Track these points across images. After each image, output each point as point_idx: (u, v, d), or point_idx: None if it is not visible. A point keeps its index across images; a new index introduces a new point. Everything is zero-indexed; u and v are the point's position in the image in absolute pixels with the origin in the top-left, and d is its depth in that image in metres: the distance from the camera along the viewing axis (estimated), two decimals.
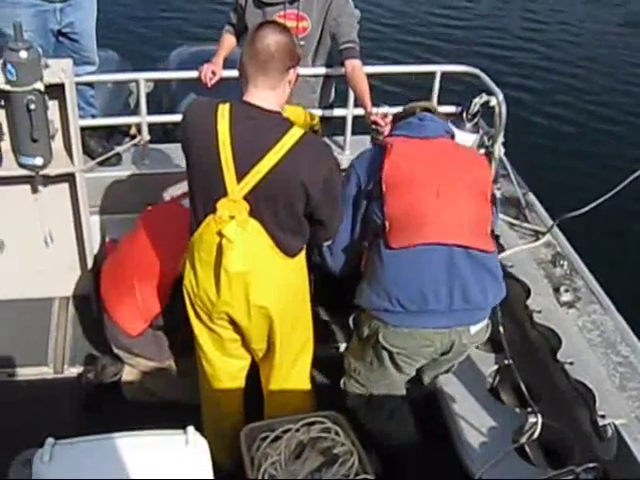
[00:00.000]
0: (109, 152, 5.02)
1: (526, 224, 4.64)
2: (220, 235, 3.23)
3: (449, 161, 3.64)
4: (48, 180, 4.40)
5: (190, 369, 4.08)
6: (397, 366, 3.56)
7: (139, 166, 5.06)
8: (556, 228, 4.53)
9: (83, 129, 4.60)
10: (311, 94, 5.04)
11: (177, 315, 3.77)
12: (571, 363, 3.70)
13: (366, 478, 3.37)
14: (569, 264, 4.32)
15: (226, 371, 3.78)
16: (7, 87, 3.99)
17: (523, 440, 3.53)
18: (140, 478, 2.60)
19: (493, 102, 4.59)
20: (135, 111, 5.53)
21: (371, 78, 4.68)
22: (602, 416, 3.40)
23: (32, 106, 4.00)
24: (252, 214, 3.22)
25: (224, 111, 3.20)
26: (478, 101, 4.46)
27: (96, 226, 4.93)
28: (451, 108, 4.94)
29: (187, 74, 5.13)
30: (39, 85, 4.00)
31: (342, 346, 4.59)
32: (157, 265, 4.07)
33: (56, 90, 4.14)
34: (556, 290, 4.13)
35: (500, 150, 4.75)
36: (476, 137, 4.53)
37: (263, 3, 4.77)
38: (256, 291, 3.35)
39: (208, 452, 2.70)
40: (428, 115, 3.82)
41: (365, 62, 4.75)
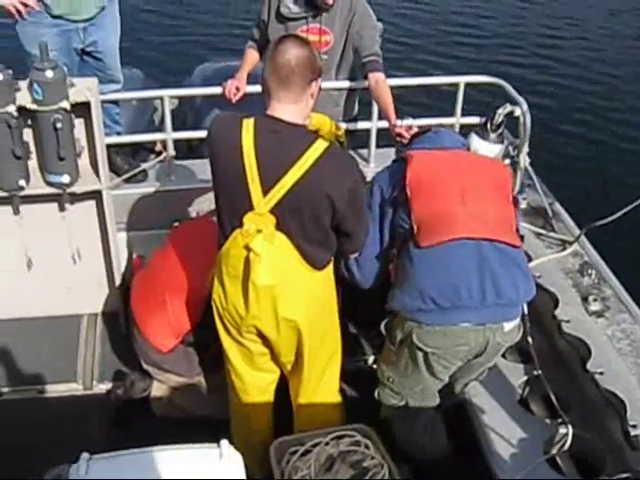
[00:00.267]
0: (135, 169, 5.05)
1: (553, 234, 4.63)
2: (247, 249, 3.24)
3: (470, 166, 3.73)
4: (75, 198, 4.42)
5: (219, 385, 4.08)
6: (431, 368, 3.54)
7: (165, 182, 5.09)
8: (583, 237, 4.51)
9: (109, 146, 4.63)
10: (334, 107, 5.06)
11: (208, 331, 3.78)
12: (601, 373, 3.68)
13: None
14: (597, 273, 4.30)
15: (255, 385, 3.78)
16: (34, 106, 4.02)
17: (554, 451, 3.49)
18: None
19: (517, 112, 4.59)
20: (160, 128, 5.58)
21: (394, 90, 4.68)
22: (634, 426, 3.38)
23: (59, 125, 4.02)
24: (279, 227, 3.23)
25: (248, 126, 3.21)
26: (502, 111, 4.44)
27: (123, 243, 4.94)
28: (475, 119, 4.95)
29: (211, 90, 5.16)
30: (65, 104, 4.03)
31: (370, 359, 4.58)
32: (188, 281, 4.09)
33: (82, 108, 4.17)
34: (584, 299, 4.11)
35: (525, 160, 4.76)
36: (501, 147, 4.51)
37: (285, 18, 4.79)
38: (284, 304, 3.35)
39: (242, 465, 2.71)
40: (443, 129, 3.94)
41: (388, 74, 4.76)
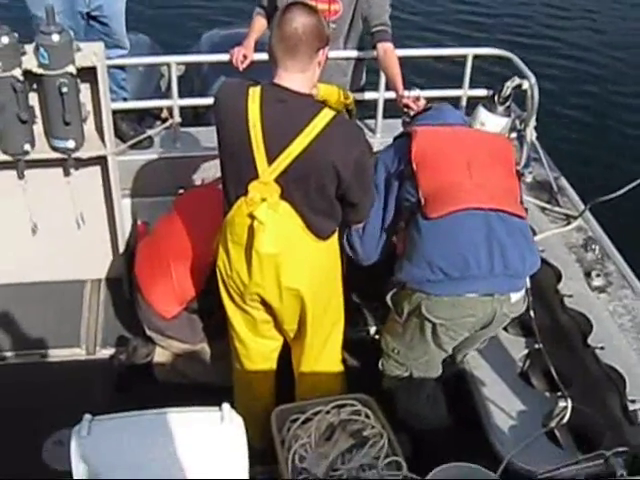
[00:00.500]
0: (141, 135, 5.04)
1: (557, 208, 4.62)
2: (252, 217, 3.25)
3: (473, 141, 3.75)
4: (80, 163, 4.42)
5: (222, 352, 4.12)
6: (439, 340, 3.54)
7: (170, 149, 5.08)
8: (588, 212, 4.50)
9: (115, 112, 4.63)
10: (342, 77, 5.03)
11: (212, 298, 3.80)
12: (602, 348, 3.69)
13: (395, 460, 3.39)
14: (600, 249, 4.30)
15: (259, 352, 3.80)
16: (40, 70, 4.02)
17: (553, 424, 3.52)
18: (176, 453, 2.64)
19: (525, 85, 4.57)
20: (166, 94, 5.56)
21: (403, 61, 4.66)
22: (632, 401, 3.39)
23: (64, 89, 4.02)
24: (283, 196, 3.24)
25: (254, 94, 3.20)
26: (510, 84, 4.43)
27: (127, 209, 4.95)
28: (483, 91, 4.93)
29: (218, 57, 5.14)
30: (71, 68, 4.03)
31: (372, 329, 4.60)
32: (193, 249, 4.10)
33: (88, 73, 4.16)
34: (587, 275, 4.11)
35: (532, 134, 4.74)
36: (508, 120, 4.50)
37: None
38: (287, 273, 3.37)
39: (243, 429, 2.73)
40: (445, 106, 3.95)
41: (397, 45, 4.73)
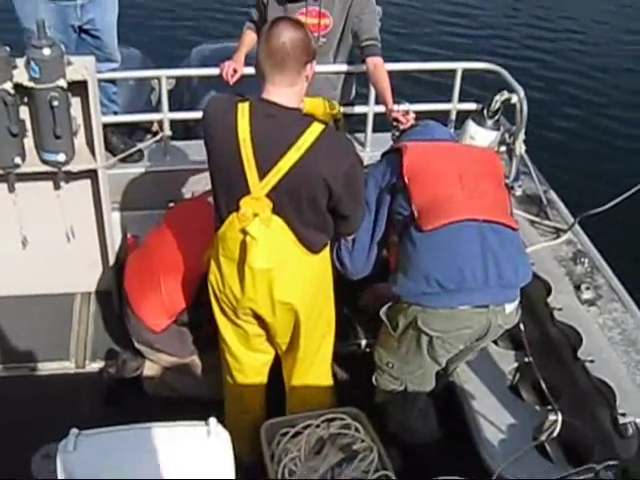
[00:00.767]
0: (131, 149, 5.03)
1: (547, 221, 4.64)
2: (244, 232, 3.25)
3: (462, 154, 3.80)
4: (70, 176, 4.42)
5: (212, 365, 4.11)
6: (434, 352, 3.54)
7: (161, 162, 5.08)
8: (577, 226, 4.52)
9: (105, 126, 4.63)
10: (332, 91, 5.05)
11: (202, 311, 3.80)
12: (592, 361, 3.70)
13: (385, 474, 3.39)
14: (590, 262, 4.32)
15: (251, 365, 3.80)
16: (30, 84, 4.01)
17: (543, 438, 3.53)
18: (163, 468, 2.64)
19: (514, 99, 4.60)
20: (157, 108, 5.57)
21: (392, 75, 4.68)
22: (623, 414, 3.39)
23: (55, 103, 4.02)
24: (275, 211, 3.24)
25: (243, 109, 3.21)
26: (499, 98, 4.45)
27: (117, 222, 4.95)
28: (472, 105, 4.95)
29: (208, 71, 5.15)
30: (62, 82, 4.02)
31: (362, 343, 4.60)
32: (183, 261, 4.09)
33: (79, 87, 4.16)
34: (577, 288, 4.13)
35: (521, 147, 4.78)
36: (497, 134, 4.52)
37: (285, 0, 4.78)
38: (280, 287, 3.37)
39: (230, 443, 2.73)
40: (432, 122, 3.98)
41: (386, 59, 4.75)
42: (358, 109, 5.18)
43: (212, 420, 2.76)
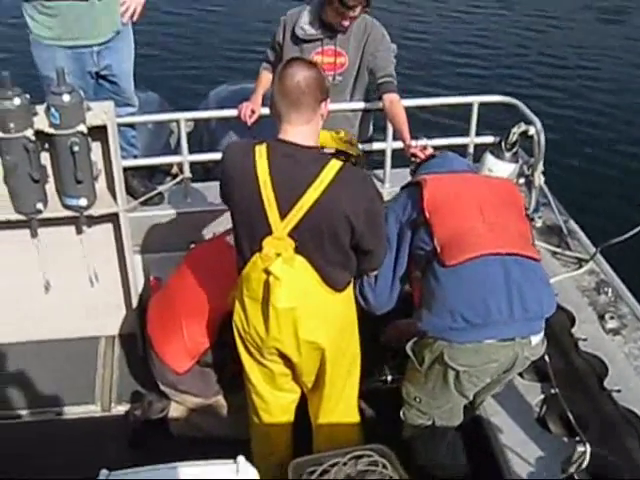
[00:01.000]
0: (151, 192, 5.08)
1: (568, 252, 4.63)
2: (267, 272, 3.27)
3: (482, 186, 3.78)
4: (92, 220, 4.45)
5: (237, 405, 4.12)
6: (461, 387, 3.53)
7: (181, 205, 5.12)
8: (599, 255, 4.51)
9: (126, 169, 4.66)
10: (350, 129, 5.06)
11: (224, 352, 3.80)
12: (618, 390, 3.67)
13: None
14: (613, 291, 4.30)
15: (277, 405, 3.79)
16: (51, 130, 4.06)
17: (572, 470, 3.48)
18: None
19: (532, 131, 4.62)
20: (176, 150, 5.61)
21: (409, 111, 4.70)
22: None
23: (76, 148, 4.05)
24: (298, 250, 3.26)
25: (261, 151, 3.24)
26: (516, 130, 4.47)
27: (140, 265, 4.97)
28: (490, 138, 4.96)
29: (227, 113, 5.21)
30: (82, 128, 4.06)
31: (388, 378, 4.58)
32: (204, 302, 4.09)
33: (99, 132, 4.20)
34: (601, 317, 4.11)
35: (540, 179, 4.78)
36: (515, 166, 4.54)
37: (301, 40, 4.82)
38: (305, 327, 3.38)
39: None
40: (450, 153, 3.98)
41: (402, 95, 4.78)
42: (376, 146, 5.21)
43: (241, 458, 2.76)
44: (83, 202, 4.29)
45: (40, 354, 4.76)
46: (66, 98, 3.98)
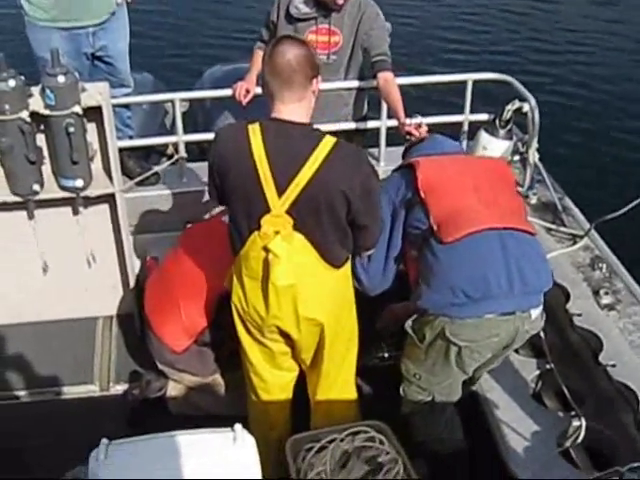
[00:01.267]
0: (147, 172, 5.09)
1: (563, 228, 4.65)
2: (266, 250, 3.28)
3: (474, 165, 3.85)
4: (89, 201, 4.46)
5: (234, 383, 4.13)
6: (462, 363, 3.56)
7: (177, 185, 5.13)
8: (593, 231, 4.53)
9: (121, 150, 4.68)
10: (344, 107, 5.10)
11: (221, 330, 3.82)
12: (613, 365, 3.70)
13: None
14: (608, 267, 4.32)
15: (276, 383, 3.81)
16: (46, 111, 4.06)
17: (568, 444, 3.52)
18: (190, 474, 2.69)
19: (526, 108, 4.63)
20: (171, 131, 5.62)
21: (403, 89, 4.71)
22: None
23: (71, 129, 4.06)
24: (296, 227, 3.27)
25: (255, 130, 3.25)
26: (510, 108, 4.50)
27: (136, 245, 4.98)
28: (484, 116, 4.97)
29: (221, 92, 5.21)
30: (77, 109, 4.07)
31: (386, 355, 4.60)
32: (201, 281, 4.11)
33: (94, 113, 4.21)
34: (596, 293, 4.14)
35: (535, 156, 4.79)
36: (510, 143, 4.56)
37: (295, 19, 4.82)
38: (304, 303, 3.39)
39: (256, 449, 2.78)
40: (439, 136, 4.01)
41: (397, 73, 4.78)
42: (371, 124, 5.21)
43: (238, 426, 2.81)
44: (79, 183, 4.30)
45: (38, 335, 4.77)
46: (61, 79, 3.99)
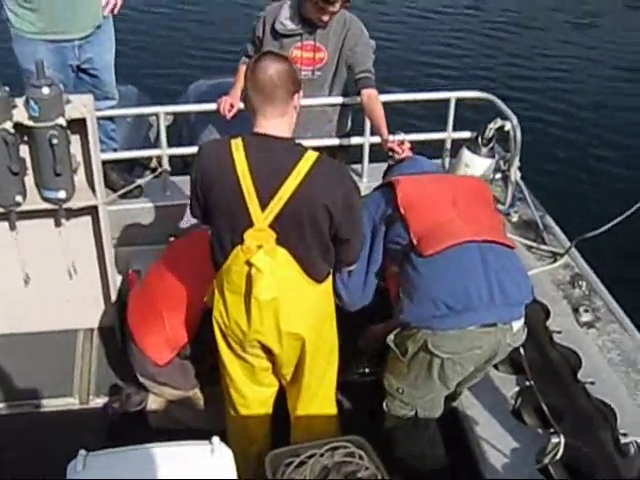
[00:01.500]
0: (130, 185, 5.10)
1: (544, 246, 4.68)
2: (249, 265, 3.29)
3: (453, 182, 3.92)
4: (71, 213, 4.46)
5: (215, 397, 4.11)
6: (444, 376, 3.56)
7: (160, 198, 5.13)
8: (574, 249, 4.56)
9: (105, 163, 4.68)
10: (328, 123, 5.12)
11: (204, 344, 3.82)
12: (592, 382, 3.72)
13: None
14: (588, 285, 4.35)
15: (256, 399, 3.80)
16: (30, 123, 4.07)
17: (546, 461, 3.52)
18: None
19: (508, 127, 4.66)
20: (155, 144, 5.62)
21: (387, 106, 4.73)
22: (624, 434, 3.41)
23: (55, 141, 4.07)
24: (279, 242, 3.28)
25: (237, 144, 3.27)
26: (493, 126, 4.52)
27: (118, 258, 4.97)
28: (466, 134, 5.00)
29: (206, 107, 5.22)
30: (61, 120, 4.08)
31: (366, 371, 4.60)
32: (185, 295, 4.11)
33: (78, 125, 4.21)
34: (575, 311, 4.16)
35: (516, 174, 4.82)
36: (492, 161, 4.58)
37: (280, 35, 4.84)
38: (286, 318, 3.40)
39: (233, 461, 2.79)
40: (419, 157, 4.07)
41: (380, 90, 4.81)
42: (354, 140, 5.24)
43: (215, 439, 2.83)
44: (62, 195, 4.30)
45: (18, 347, 4.74)
46: (45, 91, 3.99)
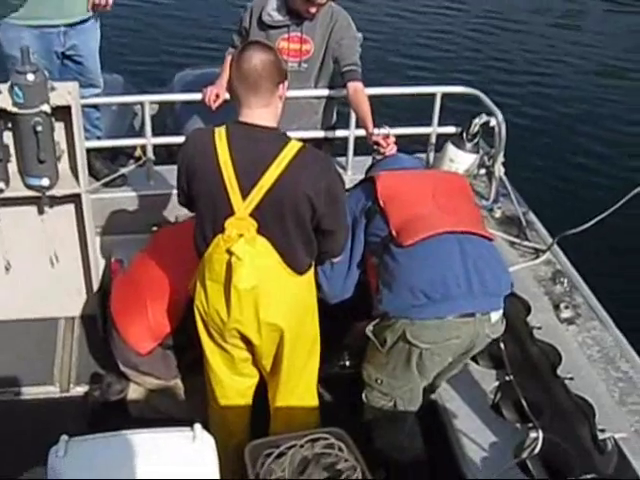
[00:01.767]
0: (114, 173, 5.08)
1: (526, 242, 4.69)
2: (229, 253, 3.29)
3: (431, 177, 3.99)
4: (54, 201, 4.45)
5: (196, 388, 4.12)
6: (422, 367, 3.58)
7: (144, 187, 5.12)
8: (556, 246, 4.57)
9: (89, 151, 4.66)
10: (313, 115, 5.12)
11: (187, 334, 3.82)
12: (571, 378, 3.73)
13: None
14: (569, 281, 4.37)
15: (235, 389, 3.81)
16: (14, 109, 4.05)
17: (524, 455, 3.55)
18: (149, 472, 2.72)
19: (493, 122, 4.67)
20: (140, 133, 5.60)
21: (372, 99, 4.74)
22: (602, 430, 3.42)
23: (39, 128, 4.05)
24: (260, 231, 3.29)
25: (221, 133, 3.28)
26: (478, 121, 4.54)
27: (102, 246, 4.96)
28: (452, 129, 5.01)
29: (191, 96, 5.21)
30: (46, 107, 4.06)
31: (347, 364, 4.61)
32: (169, 285, 4.11)
33: (62, 112, 4.20)
34: (556, 307, 4.17)
35: (500, 170, 4.83)
36: (476, 157, 4.60)
37: (267, 26, 4.83)
38: (266, 308, 3.40)
39: (214, 448, 2.81)
40: (401, 154, 4.11)
41: (367, 84, 4.81)
42: (339, 133, 5.24)
43: (197, 426, 2.83)
44: (45, 182, 4.28)
45: None
46: (30, 77, 3.98)
